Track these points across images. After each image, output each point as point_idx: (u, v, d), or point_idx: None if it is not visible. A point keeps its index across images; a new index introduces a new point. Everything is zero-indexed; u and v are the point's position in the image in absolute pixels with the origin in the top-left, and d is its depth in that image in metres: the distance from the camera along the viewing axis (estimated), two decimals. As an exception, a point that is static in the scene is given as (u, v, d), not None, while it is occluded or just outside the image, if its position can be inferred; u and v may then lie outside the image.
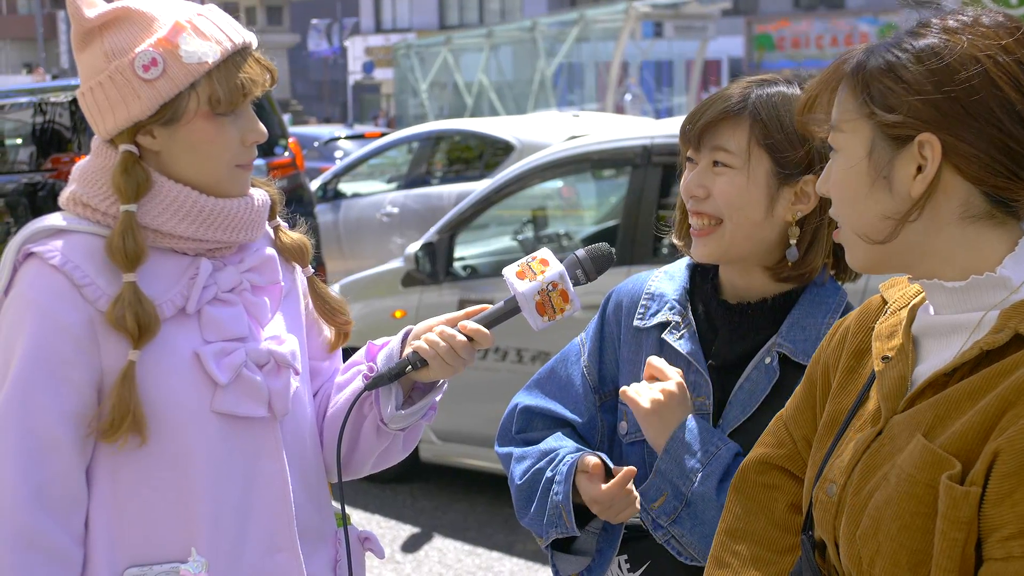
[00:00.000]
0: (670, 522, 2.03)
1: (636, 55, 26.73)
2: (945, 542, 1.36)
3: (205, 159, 1.90)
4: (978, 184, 1.44)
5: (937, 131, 1.43)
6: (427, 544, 5.68)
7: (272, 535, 1.94)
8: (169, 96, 1.84)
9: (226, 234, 1.93)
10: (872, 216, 1.50)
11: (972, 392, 1.41)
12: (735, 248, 2.08)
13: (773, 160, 2.05)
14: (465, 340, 2.00)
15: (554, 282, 1.97)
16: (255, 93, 1.91)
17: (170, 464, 1.86)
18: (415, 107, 28.63)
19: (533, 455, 2.20)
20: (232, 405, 1.89)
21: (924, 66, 1.44)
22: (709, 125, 2.06)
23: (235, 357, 1.90)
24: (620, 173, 6.55)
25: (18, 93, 9.94)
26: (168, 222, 1.89)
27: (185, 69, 1.83)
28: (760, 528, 1.74)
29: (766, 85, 2.10)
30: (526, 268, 2.00)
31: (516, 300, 2.00)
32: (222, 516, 1.89)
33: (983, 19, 1.47)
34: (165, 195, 1.89)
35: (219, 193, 1.92)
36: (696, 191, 2.08)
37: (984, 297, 1.47)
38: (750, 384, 2.07)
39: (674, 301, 2.18)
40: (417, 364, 2.00)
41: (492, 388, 5.43)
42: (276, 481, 1.95)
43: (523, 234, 6.86)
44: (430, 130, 11.42)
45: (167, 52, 1.83)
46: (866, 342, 1.65)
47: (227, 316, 1.92)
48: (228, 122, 1.89)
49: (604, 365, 2.25)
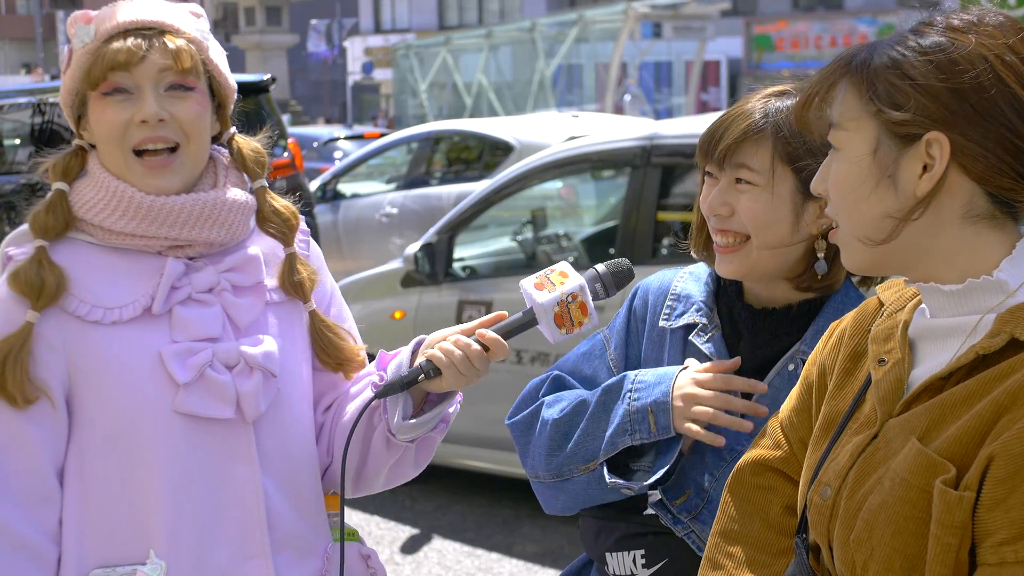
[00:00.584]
0: (691, 518, 2.03)
1: (635, 56, 26.73)
2: (939, 547, 1.36)
3: (104, 143, 1.91)
4: (983, 184, 1.43)
5: (946, 130, 1.41)
6: (426, 545, 5.68)
7: (242, 541, 1.91)
8: (74, 86, 1.92)
9: (173, 230, 1.90)
10: (876, 215, 1.48)
11: (968, 396, 1.41)
12: (761, 265, 2.06)
13: (797, 176, 2.03)
14: (480, 349, 1.96)
15: (574, 294, 1.95)
16: (140, 71, 1.87)
17: (130, 464, 1.85)
18: (414, 107, 28.65)
19: (570, 397, 2.18)
20: (194, 405, 1.87)
21: (932, 64, 1.43)
22: (731, 144, 2.04)
23: (199, 357, 1.88)
24: (619, 174, 6.55)
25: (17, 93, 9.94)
26: (106, 217, 1.90)
27: (77, 56, 1.89)
28: (755, 530, 1.74)
29: (784, 97, 2.08)
30: (544, 280, 1.98)
31: (534, 312, 1.97)
32: (184, 518, 1.86)
33: (987, 19, 1.46)
34: (98, 184, 1.91)
35: (135, 185, 1.90)
36: (720, 209, 2.06)
37: (981, 300, 1.46)
38: (773, 390, 2.06)
39: (701, 303, 2.17)
40: (430, 373, 1.95)
41: (491, 389, 5.41)
42: (247, 486, 1.91)
43: (522, 235, 6.85)
44: (429, 131, 11.43)
45: (70, 45, 1.91)
46: (863, 344, 1.64)
47: (198, 316, 1.90)
48: (117, 101, 1.88)
49: (630, 360, 2.23)
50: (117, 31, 1.87)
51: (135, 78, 1.87)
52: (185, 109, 1.90)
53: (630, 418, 2.07)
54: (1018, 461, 1.32)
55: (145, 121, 1.87)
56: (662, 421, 2.05)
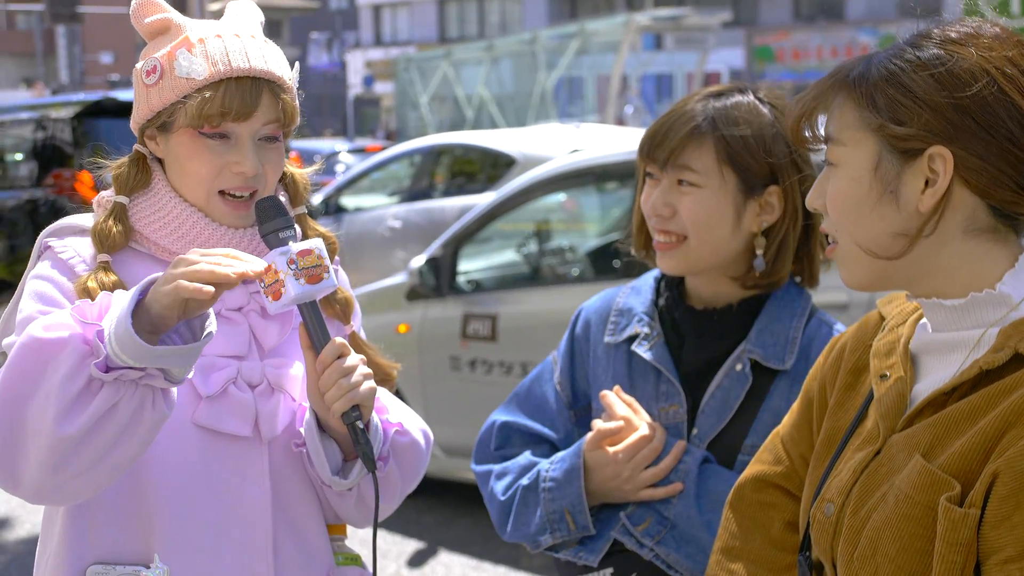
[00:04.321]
0: (655, 542, 2.05)
1: (636, 67, 26.76)
2: (944, 565, 1.35)
3: (185, 175, 1.92)
4: (985, 197, 1.43)
5: (948, 144, 1.41)
6: (433, 559, 5.67)
7: (248, 559, 1.90)
8: (160, 105, 1.90)
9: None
10: (880, 232, 1.47)
11: (971, 412, 1.40)
12: (701, 262, 2.11)
13: (738, 176, 2.07)
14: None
15: (275, 269, 1.78)
16: (248, 124, 1.89)
17: (142, 468, 1.84)
18: (415, 120, 28.64)
19: (513, 471, 2.22)
20: (214, 420, 1.88)
21: (933, 78, 1.42)
22: (674, 147, 2.07)
23: (224, 373, 1.89)
24: (623, 186, 6.54)
25: (19, 109, 9.95)
26: (156, 229, 1.92)
27: (175, 82, 1.88)
28: (756, 547, 1.73)
29: (723, 97, 2.11)
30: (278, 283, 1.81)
31: (301, 303, 1.83)
32: (189, 529, 1.86)
33: (983, 30, 1.46)
34: (158, 198, 1.93)
35: (209, 215, 1.93)
36: (663, 210, 2.10)
37: (983, 314, 1.46)
38: (722, 392, 2.09)
39: (642, 314, 2.20)
40: (356, 418, 1.85)
41: (497, 402, 5.39)
42: (257, 505, 1.91)
43: (527, 248, 6.85)
44: (432, 144, 11.42)
45: (167, 63, 1.89)
46: (863, 359, 1.64)
47: (225, 334, 1.91)
48: (215, 145, 1.89)
49: (576, 382, 2.27)
50: (230, 76, 1.88)
51: (239, 128, 1.89)
52: (274, 162, 1.94)
53: (548, 519, 2.13)
54: (1023, 478, 1.32)
55: (243, 172, 1.90)
56: (580, 521, 2.10)
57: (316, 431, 1.91)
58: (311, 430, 1.91)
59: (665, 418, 2.12)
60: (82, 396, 1.65)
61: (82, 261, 1.89)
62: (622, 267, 5.71)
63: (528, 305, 5.86)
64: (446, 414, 5.93)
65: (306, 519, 2.00)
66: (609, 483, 2.09)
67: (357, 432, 1.85)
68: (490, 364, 5.79)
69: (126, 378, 1.67)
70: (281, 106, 1.91)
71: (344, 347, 1.87)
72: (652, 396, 2.14)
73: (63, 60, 33.79)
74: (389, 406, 2.03)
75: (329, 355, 1.85)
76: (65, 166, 8.88)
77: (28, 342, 1.67)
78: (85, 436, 1.66)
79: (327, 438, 1.92)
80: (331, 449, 1.93)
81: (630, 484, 2.08)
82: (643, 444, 2.08)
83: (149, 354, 1.64)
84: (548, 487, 2.14)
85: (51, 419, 1.64)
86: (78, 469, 1.68)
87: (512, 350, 5.72)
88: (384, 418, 2.00)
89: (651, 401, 2.14)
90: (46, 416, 1.64)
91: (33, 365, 1.66)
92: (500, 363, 5.74)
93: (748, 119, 2.07)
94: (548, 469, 2.16)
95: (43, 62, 46.51)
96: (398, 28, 48.69)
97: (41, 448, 1.66)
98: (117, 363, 1.65)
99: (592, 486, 2.11)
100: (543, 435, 2.25)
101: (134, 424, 1.70)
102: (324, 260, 1.81)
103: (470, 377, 5.87)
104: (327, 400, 1.85)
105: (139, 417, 1.70)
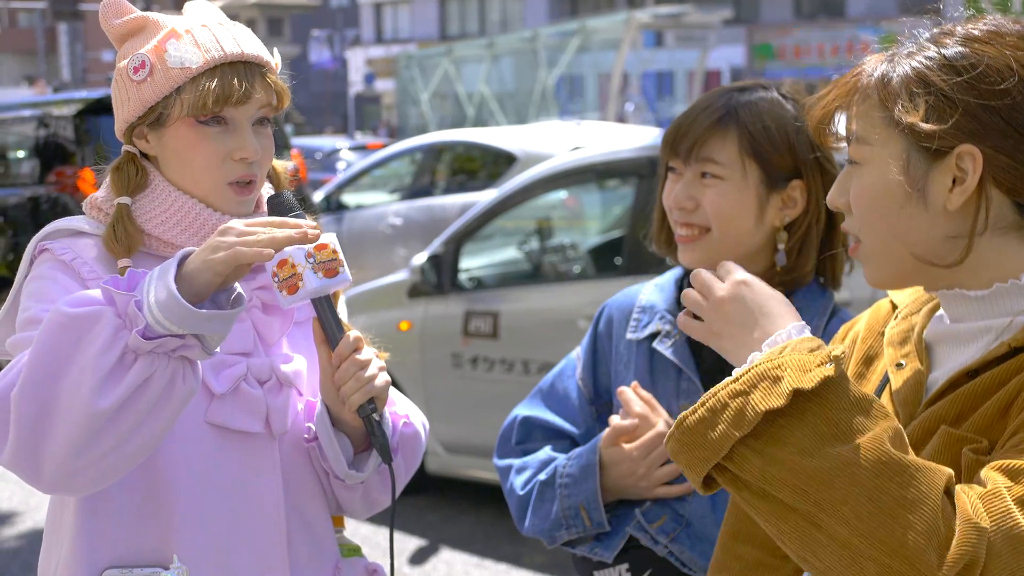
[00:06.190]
0: (669, 540, 2.06)
1: (637, 65, 26.74)
2: None
3: (188, 167, 1.91)
4: (1012, 195, 1.42)
5: (977, 142, 1.40)
6: (434, 557, 5.68)
7: (263, 554, 1.91)
8: (154, 99, 1.89)
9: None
10: (929, 238, 1.45)
11: (997, 383, 1.40)
12: (724, 254, 2.07)
13: (762, 169, 2.07)
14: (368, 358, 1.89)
15: (292, 263, 1.80)
16: (245, 108, 1.90)
17: (155, 468, 1.84)
18: (416, 118, 28.64)
19: (533, 466, 2.23)
20: (227, 418, 1.88)
21: (960, 76, 1.40)
22: (698, 139, 2.07)
23: (235, 370, 1.89)
24: (625, 183, 6.55)
25: (21, 107, 9.94)
26: (163, 227, 1.91)
27: (169, 73, 1.87)
28: (764, 531, 1.72)
29: (746, 92, 2.11)
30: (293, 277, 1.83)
31: (317, 297, 1.85)
32: (205, 528, 1.86)
33: (1005, 28, 1.45)
34: (160, 196, 1.92)
35: (213, 204, 1.93)
36: (686, 203, 2.10)
37: (1007, 304, 1.45)
38: None
39: (664, 311, 2.20)
40: (372, 410, 1.87)
41: (499, 400, 5.42)
42: (270, 500, 1.91)
43: (528, 245, 6.86)
44: (433, 141, 11.42)
45: (156, 56, 1.88)
46: (876, 348, 1.64)
47: (232, 330, 1.90)
48: (215, 133, 1.89)
49: (598, 378, 2.27)
50: (224, 62, 1.88)
51: (237, 112, 1.90)
52: (268, 146, 1.95)
53: (564, 515, 2.14)
54: None
55: (246, 158, 1.90)
56: (595, 517, 2.12)
57: (330, 425, 1.91)
58: (324, 424, 1.91)
59: None
60: (117, 369, 1.64)
61: (84, 263, 1.88)
62: (624, 264, 5.72)
63: (530, 302, 5.86)
64: (447, 411, 5.93)
65: (315, 513, 2.00)
66: (624, 480, 2.10)
67: (373, 425, 1.86)
68: (491, 361, 5.79)
69: (163, 348, 1.66)
70: (273, 87, 1.93)
71: (360, 340, 1.88)
72: (673, 393, 2.15)
73: (65, 58, 33.83)
74: (394, 398, 2.04)
75: (346, 349, 1.86)
76: (67, 164, 8.86)
77: (57, 318, 1.65)
78: (119, 411, 1.65)
79: (339, 432, 1.93)
80: (344, 443, 1.94)
81: (645, 481, 2.09)
82: (659, 441, 2.08)
83: (195, 317, 1.64)
84: (564, 483, 2.15)
85: (87, 393, 1.63)
86: (104, 449, 1.67)
87: (513, 347, 5.72)
88: (392, 410, 2.01)
89: (672, 399, 2.15)
90: (81, 390, 1.63)
91: (65, 341, 1.64)
92: (501, 360, 5.74)
93: (771, 112, 2.07)
94: (565, 465, 2.16)
95: (45, 60, 46.45)
96: (399, 25, 48.67)
97: (71, 425, 1.64)
98: (157, 331, 1.64)
99: (608, 483, 2.12)
100: (564, 430, 2.26)
101: (165, 398, 1.69)
102: (339, 254, 1.83)
103: (471, 374, 5.87)
104: (344, 393, 1.86)
105: (170, 391, 1.69)
